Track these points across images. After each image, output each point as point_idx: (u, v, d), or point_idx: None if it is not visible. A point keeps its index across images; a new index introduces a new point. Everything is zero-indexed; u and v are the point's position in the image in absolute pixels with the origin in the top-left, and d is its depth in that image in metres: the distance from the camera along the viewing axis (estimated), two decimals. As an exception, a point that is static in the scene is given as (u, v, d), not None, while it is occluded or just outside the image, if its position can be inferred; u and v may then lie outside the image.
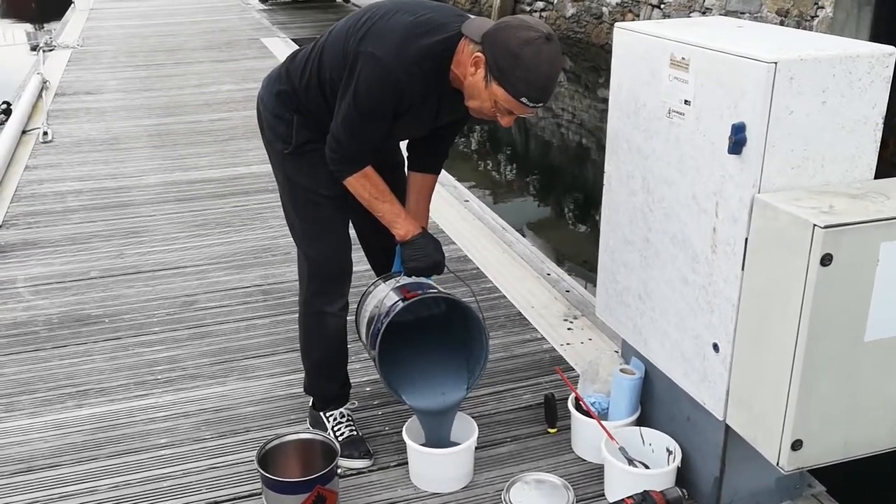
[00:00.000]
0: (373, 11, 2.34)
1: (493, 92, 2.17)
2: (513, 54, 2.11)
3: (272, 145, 2.58)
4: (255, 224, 4.64)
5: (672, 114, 2.25)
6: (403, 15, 2.28)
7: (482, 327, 2.56)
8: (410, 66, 2.23)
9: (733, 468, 2.33)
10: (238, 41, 10.57)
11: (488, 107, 2.22)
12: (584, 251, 5.83)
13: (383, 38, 2.24)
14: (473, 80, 2.21)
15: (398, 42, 2.22)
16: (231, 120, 6.86)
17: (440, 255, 2.51)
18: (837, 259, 1.84)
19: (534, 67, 2.11)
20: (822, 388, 1.95)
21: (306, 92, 2.46)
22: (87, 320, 3.61)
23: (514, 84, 2.13)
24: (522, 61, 2.10)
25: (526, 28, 2.13)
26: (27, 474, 2.65)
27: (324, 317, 2.64)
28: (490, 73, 2.15)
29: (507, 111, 2.21)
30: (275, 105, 2.53)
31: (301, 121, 2.49)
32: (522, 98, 2.15)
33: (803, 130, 2.01)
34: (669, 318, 2.38)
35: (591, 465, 2.62)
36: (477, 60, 2.18)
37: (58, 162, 5.85)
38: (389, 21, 2.27)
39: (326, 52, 2.40)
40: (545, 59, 2.12)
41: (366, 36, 2.27)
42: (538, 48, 2.11)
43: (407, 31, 2.24)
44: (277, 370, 3.20)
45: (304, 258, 2.63)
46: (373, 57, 2.22)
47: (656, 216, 2.38)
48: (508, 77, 2.13)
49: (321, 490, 2.33)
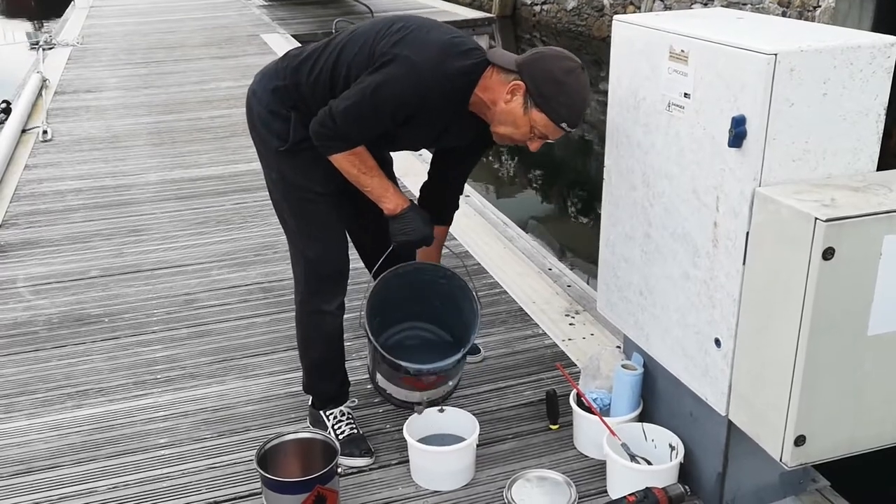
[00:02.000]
0: (406, 22, 2.40)
1: (533, 118, 2.29)
2: (557, 82, 2.26)
3: (266, 142, 2.55)
4: (256, 221, 4.63)
5: (672, 107, 2.23)
6: (439, 33, 2.37)
7: (470, 295, 2.67)
8: (443, 81, 2.30)
9: (736, 464, 2.31)
10: (238, 37, 10.56)
11: (523, 132, 2.33)
12: (585, 246, 5.81)
13: (423, 47, 2.31)
14: (509, 107, 2.31)
15: (437, 55, 2.30)
16: (231, 117, 6.84)
17: (429, 229, 2.56)
18: (840, 253, 1.82)
19: (575, 94, 2.28)
20: (824, 382, 1.93)
21: (313, 87, 2.44)
22: (86, 320, 3.59)
23: (557, 109, 2.27)
24: (566, 88, 2.26)
25: (565, 58, 2.29)
26: (27, 475, 2.64)
27: (322, 316, 2.63)
28: (531, 99, 2.27)
29: (542, 136, 2.34)
30: (270, 101, 2.51)
31: (299, 118, 2.46)
32: (562, 123, 2.29)
33: (804, 123, 1.98)
34: (671, 314, 2.36)
35: (593, 462, 2.60)
36: (515, 88, 2.28)
37: (57, 161, 5.84)
38: (428, 34, 2.35)
39: (347, 49, 2.41)
40: (584, 86, 2.30)
41: (402, 41, 2.32)
42: (578, 77, 2.28)
43: (446, 48, 2.32)
44: (277, 368, 3.18)
45: (300, 257, 2.61)
46: (410, 61, 2.28)
47: (657, 211, 2.36)
48: (552, 103, 2.26)
49: (321, 489, 2.31)
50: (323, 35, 12.24)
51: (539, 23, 13.80)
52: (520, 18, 14.40)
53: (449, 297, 2.75)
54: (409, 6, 13.90)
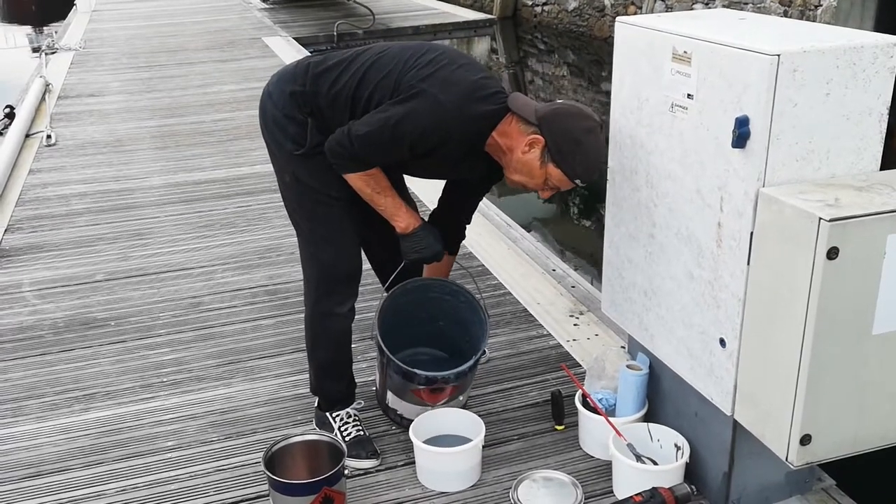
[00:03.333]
0: (437, 54, 2.40)
1: (549, 171, 2.35)
2: (576, 141, 2.30)
3: (280, 145, 2.54)
4: (260, 224, 4.64)
5: (675, 108, 2.23)
6: (467, 72, 2.38)
7: (477, 306, 2.71)
8: (465, 123, 2.34)
9: (742, 463, 2.32)
10: (240, 41, 10.58)
11: (537, 183, 2.39)
12: (589, 247, 5.81)
13: (450, 87, 2.33)
14: (526, 158, 2.35)
15: (462, 97, 2.33)
16: (234, 120, 6.86)
17: (440, 245, 2.60)
18: (844, 252, 1.83)
19: (592, 153, 2.33)
20: (829, 382, 1.94)
21: (333, 101, 2.44)
22: (92, 323, 3.61)
23: (574, 167, 2.32)
24: (584, 148, 2.31)
25: (584, 117, 2.34)
26: (35, 479, 2.65)
27: (333, 318, 2.64)
28: (549, 154, 2.32)
29: (554, 187, 2.39)
30: (286, 104, 2.50)
31: (315, 124, 2.47)
32: (577, 179, 2.35)
33: (807, 123, 1.99)
34: (675, 314, 2.37)
35: (599, 462, 2.61)
36: (534, 142, 2.33)
37: (61, 165, 5.85)
38: (455, 72, 2.36)
39: (373, 71, 2.42)
40: (601, 145, 2.35)
41: (431, 77, 2.34)
42: (596, 137, 2.33)
43: (472, 90, 2.35)
44: (283, 371, 3.19)
45: (313, 260, 2.61)
46: (436, 99, 2.31)
47: (660, 211, 2.37)
48: (568, 160, 2.32)
49: (328, 491, 2.32)
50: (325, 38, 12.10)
51: (540, 24, 13.80)
52: (521, 19, 14.41)
53: (455, 316, 2.77)
54: (409, 9, 13.93)
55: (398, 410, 2.74)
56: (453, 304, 2.77)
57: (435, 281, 2.76)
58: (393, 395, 2.71)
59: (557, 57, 12.47)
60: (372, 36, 11.81)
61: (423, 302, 2.76)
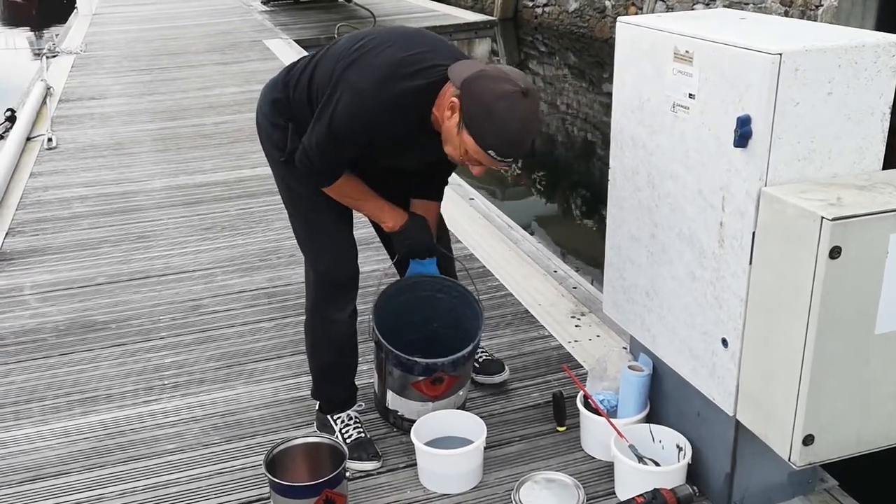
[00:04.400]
0: (369, 38, 2.33)
1: (464, 140, 2.15)
2: (486, 106, 2.08)
3: (270, 154, 2.60)
4: (261, 227, 4.64)
5: (676, 108, 2.23)
6: (396, 50, 2.26)
7: (470, 298, 2.72)
8: (386, 106, 2.22)
9: (744, 464, 2.31)
10: (241, 43, 10.58)
11: (459, 154, 2.21)
12: (590, 248, 5.81)
13: (367, 71, 2.24)
14: (448, 125, 2.19)
15: (380, 79, 2.21)
16: (235, 122, 6.86)
17: (428, 236, 2.61)
18: (846, 252, 1.82)
19: (505, 122, 2.09)
20: (832, 382, 1.93)
21: (298, 103, 2.46)
22: (93, 326, 3.60)
23: (483, 136, 2.11)
24: (494, 114, 2.08)
25: (504, 80, 2.10)
26: (36, 482, 2.64)
27: (331, 323, 2.63)
28: (462, 120, 2.13)
29: (477, 161, 2.19)
30: (270, 112, 2.54)
31: (295, 128, 2.48)
32: (490, 151, 2.13)
33: (809, 122, 1.98)
34: (677, 314, 2.36)
35: (600, 463, 2.60)
36: (453, 105, 2.15)
37: (63, 168, 5.85)
38: (379, 55, 2.26)
39: (319, 68, 2.41)
40: (518, 115, 2.09)
41: (353, 64, 2.27)
42: (513, 103, 2.08)
43: (392, 69, 2.22)
44: (284, 373, 3.19)
45: (310, 266, 2.62)
46: (352, 88, 2.23)
47: (662, 212, 2.36)
48: (478, 128, 2.11)
49: (330, 493, 2.32)
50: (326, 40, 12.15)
51: (541, 25, 13.81)
52: (521, 21, 14.41)
53: (449, 316, 2.76)
54: (410, 10, 13.95)
55: (399, 411, 2.74)
56: (446, 302, 2.77)
57: (426, 278, 2.75)
58: (393, 394, 2.70)
59: (558, 58, 12.47)
60: (373, 38, 11.81)
61: (417, 302, 2.76)
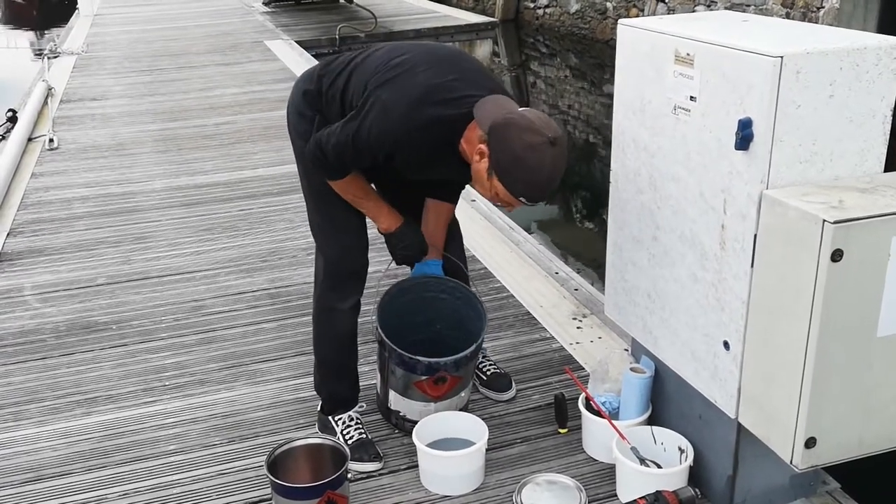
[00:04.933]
0: (407, 57, 2.36)
1: (494, 185, 2.21)
2: (516, 157, 2.13)
3: (295, 142, 2.65)
4: (262, 227, 4.64)
5: (678, 110, 2.23)
6: (430, 75, 2.30)
7: (474, 301, 2.74)
8: (412, 128, 2.26)
9: (746, 466, 2.31)
10: (242, 44, 10.58)
11: (490, 196, 2.28)
12: (591, 250, 5.80)
13: (401, 92, 2.28)
14: (478, 168, 2.24)
15: (411, 103, 2.25)
16: (236, 123, 6.87)
17: (423, 240, 2.66)
18: (848, 254, 1.82)
19: (534, 172, 2.14)
20: (834, 384, 1.93)
21: (330, 102, 2.51)
22: (94, 327, 3.60)
23: (514, 185, 2.17)
24: (524, 164, 2.13)
25: (532, 131, 2.13)
26: (36, 483, 2.65)
27: (334, 313, 2.67)
28: (492, 167, 2.19)
29: (507, 204, 2.27)
30: (300, 102, 2.60)
31: (322, 121, 2.53)
32: (520, 197, 2.20)
33: (811, 125, 1.99)
34: (679, 317, 2.36)
35: (602, 466, 2.60)
36: (482, 152, 2.21)
37: (64, 169, 5.85)
38: (416, 77, 2.30)
39: (356, 75, 2.44)
40: (548, 164, 2.14)
41: (388, 82, 2.30)
42: (542, 153, 2.12)
43: (425, 94, 2.26)
44: (285, 374, 3.19)
45: (320, 253, 2.68)
46: (383, 106, 2.27)
47: (664, 214, 2.36)
48: (508, 178, 2.17)
49: (331, 495, 2.32)
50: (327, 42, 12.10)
51: (542, 26, 13.81)
52: (522, 22, 14.41)
53: (452, 317, 2.77)
54: (411, 11, 13.94)
55: (401, 412, 2.74)
56: (450, 303, 2.77)
57: (430, 279, 2.76)
58: (396, 394, 2.71)
59: (559, 60, 12.47)
60: (374, 39, 11.81)
61: (420, 303, 2.76)
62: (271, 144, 6.18)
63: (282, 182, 5.24)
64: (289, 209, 4.80)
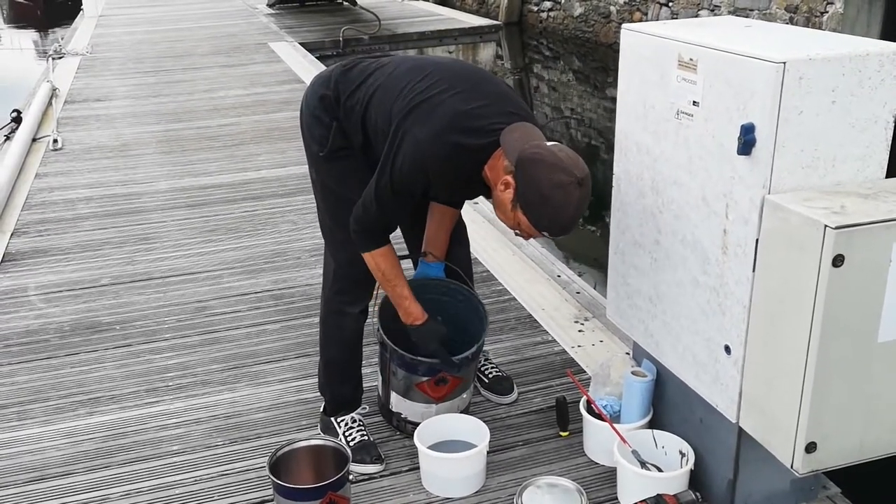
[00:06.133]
0: (432, 81, 2.35)
1: (518, 217, 2.24)
2: (542, 195, 2.15)
3: (308, 145, 2.64)
4: (266, 229, 4.65)
5: (680, 115, 2.24)
6: (457, 101, 2.30)
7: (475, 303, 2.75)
8: (441, 156, 2.28)
9: (747, 470, 2.31)
10: (246, 46, 10.61)
11: (511, 224, 2.31)
12: (593, 253, 5.81)
13: (428, 120, 2.28)
14: (502, 197, 2.26)
15: (440, 130, 2.26)
16: (240, 125, 6.89)
17: (443, 334, 2.61)
18: (849, 260, 1.83)
19: (559, 210, 2.16)
20: (835, 389, 1.93)
21: (349, 113, 2.51)
22: (98, 328, 3.62)
23: (539, 220, 2.21)
24: (550, 203, 2.15)
25: (560, 169, 2.14)
26: (40, 483, 2.66)
27: (343, 316, 2.68)
28: (518, 199, 2.21)
29: (528, 234, 2.30)
30: (316, 106, 2.58)
31: (339, 127, 2.53)
32: (544, 231, 2.24)
33: (813, 130, 1.99)
34: (681, 321, 2.37)
35: (603, 469, 2.61)
36: (507, 183, 2.22)
37: (68, 169, 5.87)
38: (443, 103, 2.29)
39: (378, 96, 2.43)
40: (573, 203, 2.16)
41: (415, 109, 2.30)
42: (569, 193, 2.14)
43: (452, 121, 2.27)
44: (288, 375, 3.20)
45: (331, 257, 2.68)
46: (414, 140, 2.28)
47: (666, 218, 2.37)
48: (534, 212, 2.20)
49: (333, 496, 2.32)
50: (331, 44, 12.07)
51: (546, 29, 13.82)
52: (526, 25, 14.42)
53: (454, 320, 2.76)
54: (415, 14, 13.96)
55: (402, 414, 2.75)
56: (451, 305, 2.78)
57: (431, 281, 2.77)
58: (397, 395, 2.71)
59: (563, 63, 12.48)
60: (377, 42, 11.84)
61: (422, 305, 2.75)
62: (275, 146, 6.20)
63: (286, 184, 5.26)
64: (292, 211, 4.82)
